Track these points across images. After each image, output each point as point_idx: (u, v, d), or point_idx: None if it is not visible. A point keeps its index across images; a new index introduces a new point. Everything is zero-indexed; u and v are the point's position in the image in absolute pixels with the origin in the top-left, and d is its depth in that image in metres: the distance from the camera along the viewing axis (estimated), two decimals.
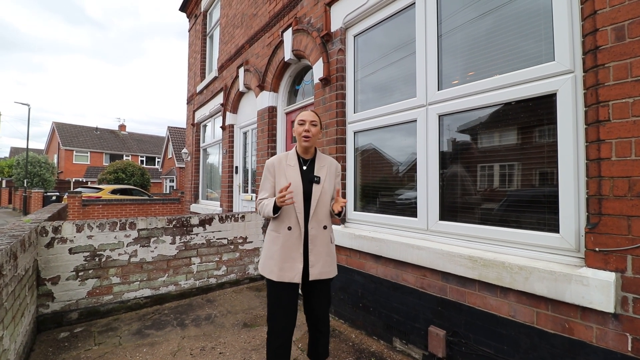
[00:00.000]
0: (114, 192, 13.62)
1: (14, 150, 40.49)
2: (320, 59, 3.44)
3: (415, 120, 2.54)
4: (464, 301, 2.12)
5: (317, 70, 3.50)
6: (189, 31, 8.88)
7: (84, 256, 3.24)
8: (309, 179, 1.94)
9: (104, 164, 32.79)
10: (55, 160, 32.37)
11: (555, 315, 1.72)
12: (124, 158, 33.64)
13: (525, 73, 1.93)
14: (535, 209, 1.93)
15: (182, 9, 8.81)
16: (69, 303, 3.14)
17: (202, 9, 7.83)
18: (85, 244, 3.26)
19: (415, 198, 2.55)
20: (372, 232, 2.85)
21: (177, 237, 3.76)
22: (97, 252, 3.31)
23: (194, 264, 3.87)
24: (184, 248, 3.80)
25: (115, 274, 3.40)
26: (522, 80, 1.94)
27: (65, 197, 9.93)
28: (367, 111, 3.04)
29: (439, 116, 2.39)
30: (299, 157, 2.01)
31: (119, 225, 3.43)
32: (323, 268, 1.92)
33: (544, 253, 1.85)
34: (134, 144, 37.51)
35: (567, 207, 1.77)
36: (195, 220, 3.88)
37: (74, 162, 32.41)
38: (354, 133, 3.19)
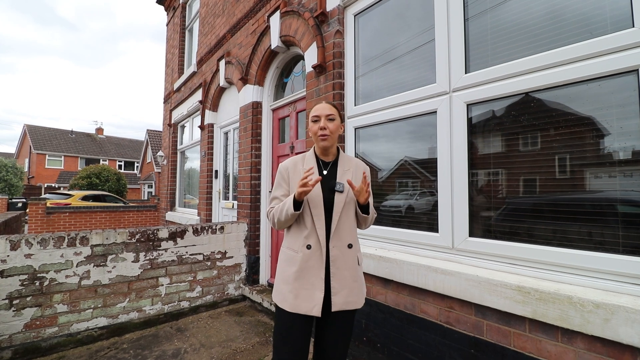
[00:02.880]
0: (85, 198, 12.66)
1: None
2: (314, 44, 2.93)
3: (435, 112, 2.06)
4: (509, 344, 1.62)
5: (310, 57, 2.99)
6: (167, 25, 8.24)
7: (20, 280, 2.61)
8: (330, 187, 1.59)
9: (78, 168, 31.10)
10: (26, 165, 30.51)
11: None
12: (101, 163, 32.00)
13: (594, 44, 1.47)
14: (603, 224, 1.46)
15: (160, 1, 8.18)
16: (0, 339, 2.50)
17: (181, 0, 7.23)
18: (22, 265, 2.62)
19: (436, 208, 2.06)
20: (380, 250, 2.33)
21: (142, 254, 3.14)
22: (38, 275, 2.68)
23: (162, 285, 3.26)
24: (149, 267, 3.18)
25: (62, 301, 2.76)
26: (589, 54, 1.48)
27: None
28: (370, 103, 2.54)
29: (467, 105, 1.91)
30: (318, 159, 1.67)
31: (66, 240, 2.80)
32: (349, 297, 1.56)
33: (623, 284, 1.38)
34: (111, 148, 35.85)
35: None
36: (163, 233, 3.27)
37: (46, 166, 30.55)
38: (355, 129, 2.68)
